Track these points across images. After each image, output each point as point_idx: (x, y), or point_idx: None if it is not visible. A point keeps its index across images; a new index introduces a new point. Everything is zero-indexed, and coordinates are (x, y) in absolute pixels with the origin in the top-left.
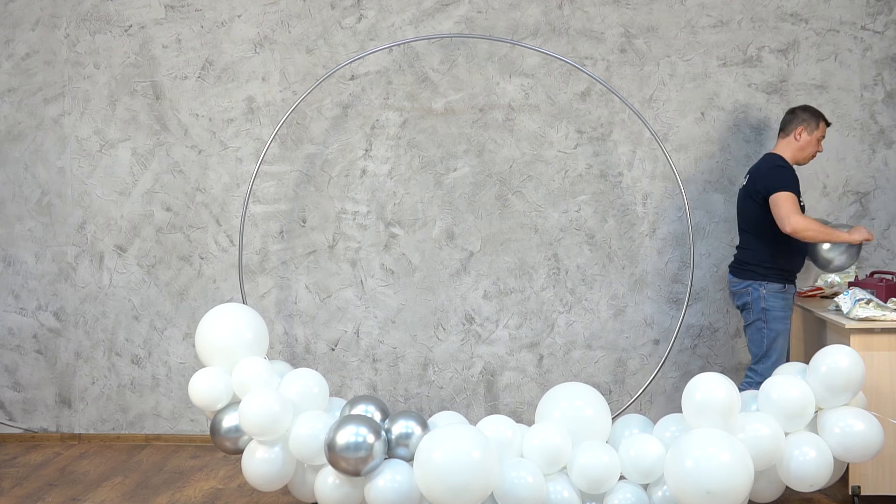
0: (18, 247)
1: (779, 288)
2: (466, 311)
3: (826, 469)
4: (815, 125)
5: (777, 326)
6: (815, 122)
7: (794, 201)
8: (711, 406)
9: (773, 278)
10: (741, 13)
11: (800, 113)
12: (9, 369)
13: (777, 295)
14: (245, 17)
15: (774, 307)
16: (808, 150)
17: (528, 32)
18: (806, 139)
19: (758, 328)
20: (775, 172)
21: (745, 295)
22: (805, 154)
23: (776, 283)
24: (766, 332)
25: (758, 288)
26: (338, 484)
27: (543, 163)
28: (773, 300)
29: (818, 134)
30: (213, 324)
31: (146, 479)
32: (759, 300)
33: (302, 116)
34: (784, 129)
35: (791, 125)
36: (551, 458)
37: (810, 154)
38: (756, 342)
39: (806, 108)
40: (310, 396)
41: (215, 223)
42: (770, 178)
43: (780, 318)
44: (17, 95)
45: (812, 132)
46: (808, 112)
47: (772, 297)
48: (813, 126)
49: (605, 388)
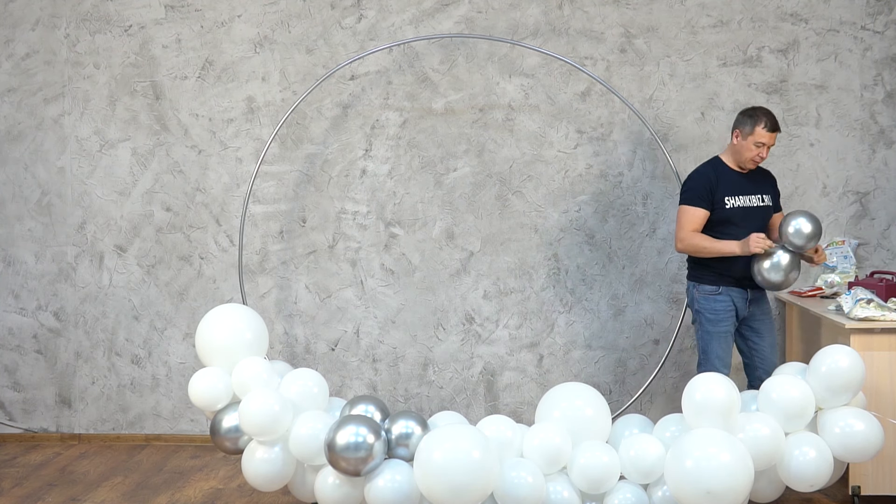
0: (18, 247)
1: (712, 290)
2: (466, 311)
3: (826, 469)
4: (749, 129)
5: (710, 328)
6: (750, 126)
7: (690, 217)
8: (711, 406)
9: (705, 280)
10: (741, 13)
11: (740, 116)
12: (9, 369)
13: (710, 297)
14: (245, 17)
15: (706, 309)
16: (743, 154)
17: (528, 32)
18: (740, 143)
19: (696, 330)
20: (686, 182)
21: (687, 295)
22: (742, 158)
23: (709, 284)
24: (701, 333)
25: (692, 290)
26: (338, 484)
27: (543, 163)
28: (705, 302)
29: (755, 139)
30: (213, 324)
31: (146, 479)
32: (693, 301)
33: (302, 116)
34: None
35: (733, 126)
36: (551, 458)
37: (748, 158)
38: (697, 344)
39: (748, 111)
40: (310, 396)
41: (215, 223)
42: (682, 188)
43: (711, 321)
44: (17, 95)
45: (746, 136)
46: (748, 115)
47: (703, 298)
48: (747, 130)
49: (605, 388)
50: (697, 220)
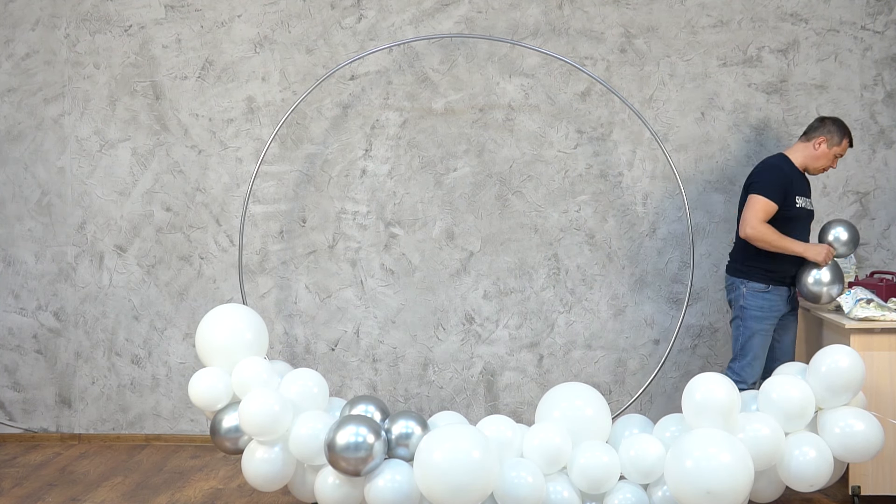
0: (18, 247)
1: (761, 288)
2: (466, 311)
3: (826, 469)
4: (837, 140)
5: (753, 326)
6: (839, 137)
7: (764, 207)
8: (711, 406)
9: (755, 277)
10: (741, 13)
11: (828, 124)
12: (9, 369)
13: (758, 295)
14: (245, 17)
15: (752, 306)
16: (821, 161)
17: (528, 32)
18: (823, 151)
19: (736, 325)
20: (764, 172)
21: (730, 291)
22: (817, 165)
23: (759, 282)
24: (743, 329)
25: (739, 286)
26: (338, 484)
27: (543, 163)
28: (752, 299)
29: (837, 150)
30: (213, 324)
31: (146, 479)
32: (738, 298)
33: (302, 116)
34: (807, 133)
35: (815, 132)
36: (551, 458)
37: (822, 167)
38: (734, 339)
39: (836, 121)
40: (310, 396)
41: (215, 223)
42: (756, 177)
43: (757, 318)
44: (17, 95)
45: (831, 147)
46: (836, 126)
47: (752, 295)
48: (835, 141)
49: (605, 388)
50: (769, 212)
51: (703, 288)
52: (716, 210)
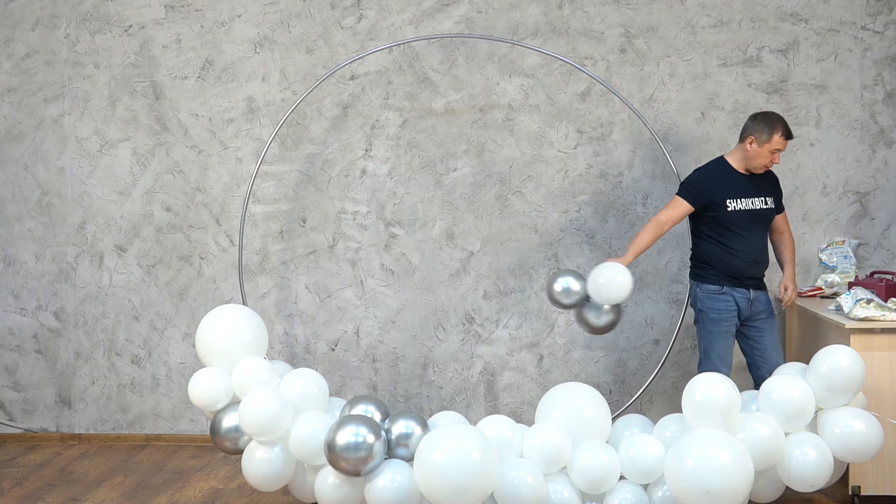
0: (18, 247)
1: (716, 290)
2: (466, 311)
3: (826, 469)
4: (766, 137)
5: (712, 328)
6: (767, 133)
7: (672, 206)
8: (711, 406)
9: (709, 279)
10: (741, 13)
11: (757, 122)
12: (9, 369)
13: (712, 296)
14: (245, 17)
15: (708, 309)
16: (757, 160)
17: (528, 32)
18: (755, 150)
19: (697, 329)
20: (692, 173)
21: (690, 295)
22: (754, 164)
23: (712, 284)
24: (703, 333)
25: (695, 288)
26: (338, 484)
27: (543, 163)
28: (708, 301)
29: (770, 146)
30: (213, 324)
31: (146, 479)
32: (696, 300)
33: (302, 116)
34: (741, 133)
35: (745, 132)
36: (551, 458)
37: (760, 165)
38: (698, 342)
39: (765, 117)
40: (310, 396)
41: (215, 223)
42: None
43: (713, 320)
44: (17, 95)
45: (762, 143)
46: (765, 122)
47: (707, 298)
48: (764, 137)
49: (605, 388)
50: (679, 212)
51: None
52: None
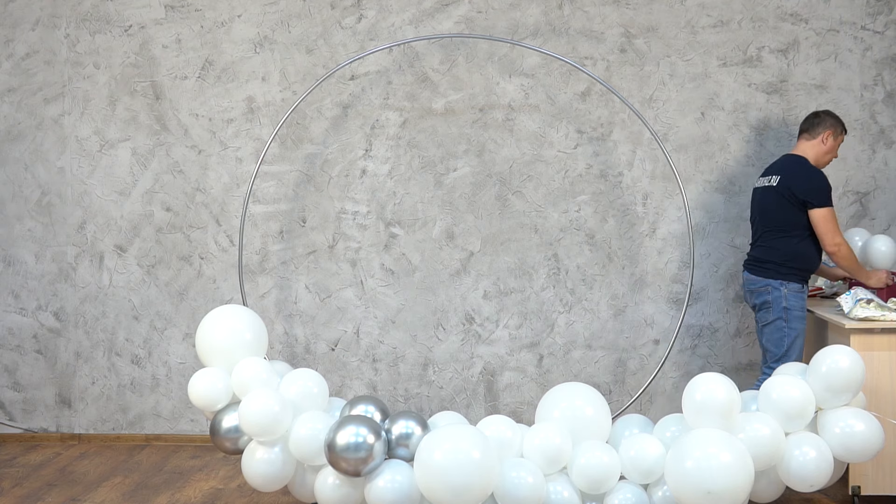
0: (18, 247)
1: (798, 288)
2: (466, 311)
3: (826, 469)
4: (840, 131)
5: (798, 326)
6: (840, 128)
7: (835, 218)
8: (712, 406)
9: (793, 278)
10: (741, 13)
11: (828, 117)
12: (9, 369)
13: (797, 295)
14: (245, 17)
15: (795, 307)
16: (829, 155)
17: (528, 32)
18: (831, 144)
19: (778, 327)
20: (816, 180)
21: (764, 293)
22: (825, 159)
23: (796, 282)
24: (788, 331)
25: (779, 287)
26: (338, 484)
27: (543, 163)
28: (793, 300)
29: (840, 140)
30: (213, 325)
31: (146, 479)
32: (780, 299)
33: (302, 116)
34: (809, 130)
35: (818, 128)
36: (551, 458)
37: (828, 160)
38: (776, 342)
39: (831, 114)
40: (310, 396)
41: (215, 223)
42: (812, 187)
43: (800, 318)
44: (17, 95)
45: (836, 137)
46: (834, 118)
47: (792, 296)
48: (839, 132)
49: (605, 388)
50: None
51: (703, 288)
52: (716, 210)
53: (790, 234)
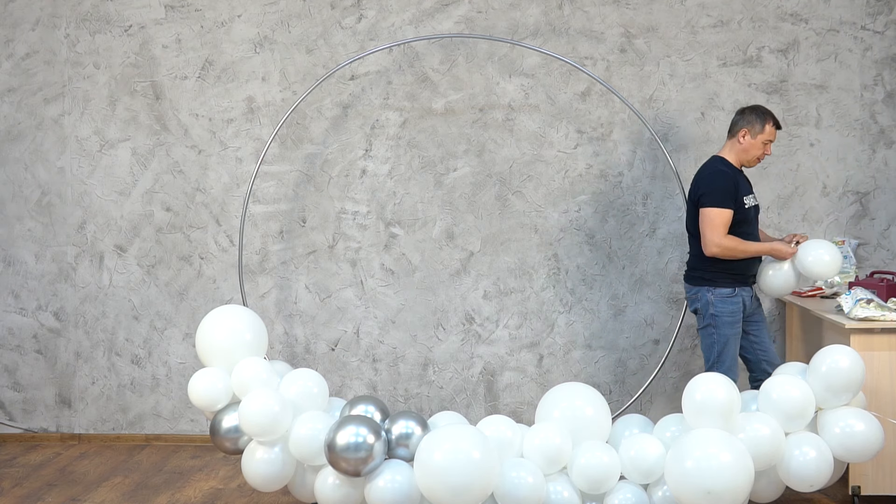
0: (18, 247)
1: (728, 293)
2: (466, 311)
3: (826, 469)
4: (759, 128)
5: (727, 331)
6: (759, 124)
7: (721, 220)
8: (711, 406)
9: (720, 283)
10: (741, 13)
11: (747, 114)
12: (9, 369)
13: (727, 300)
14: (245, 17)
15: (723, 312)
16: (751, 153)
17: (528, 32)
18: (749, 142)
19: (708, 334)
20: (710, 181)
21: (695, 301)
22: (749, 157)
23: (725, 287)
24: (717, 337)
25: (706, 294)
26: (338, 484)
27: (543, 163)
28: (721, 305)
29: (763, 137)
30: (213, 325)
31: (146, 479)
32: (707, 306)
33: (302, 116)
34: (730, 129)
35: (735, 126)
36: (551, 458)
37: (755, 157)
38: (707, 347)
39: (754, 109)
40: (310, 397)
41: (215, 223)
42: (704, 187)
43: (729, 324)
44: (17, 95)
45: (756, 135)
46: (755, 113)
47: (720, 302)
48: (757, 129)
49: (605, 388)
50: (726, 222)
51: None
52: None
53: None
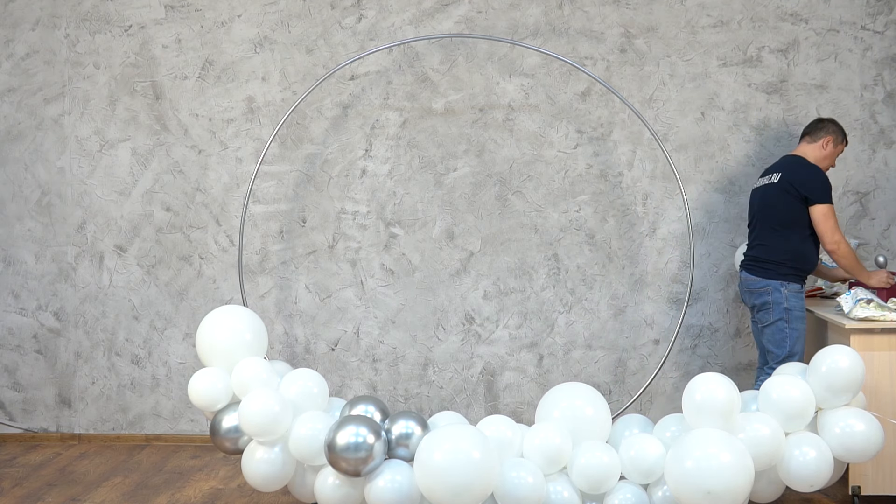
0: (18, 247)
1: (798, 288)
2: (466, 311)
3: (826, 469)
4: (840, 140)
5: (800, 326)
6: (841, 137)
7: (835, 216)
8: (711, 406)
9: (793, 278)
10: (741, 13)
11: (831, 125)
12: (9, 369)
13: (798, 295)
14: (245, 17)
15: (797, 307)
16: (828, 161)
17: (528, 32)
18: (830, 150)
19: (780, 328)
20: (818, 178)
21: (764, 294)
22: (824, 164)
23: (796, 283)
24: (789, 331)
25: (779, 288)
26: (338, 484)
27: (543, 163)
28: (794, 300)
29: (839, 150)
30: (213, 325)
31: (146, 479)
32: (781, 300)
33: (302, 116)
34: (811, 133)
35: (820, 133)
36: (551, 458)
37: (827, 166)
38: (778, 342)
39: (835, 122)
40: (310, 397)
41: (215, 223)
42: (814, 184)
43: (801, 318)
44: (17, 95)
45: (836, 146)
46: (837, 126)
47: (794, 297)
48: (839, 140)
49: (605, 388)
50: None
51: (703, 288)
52: (716, 210)
53: (791, 231)
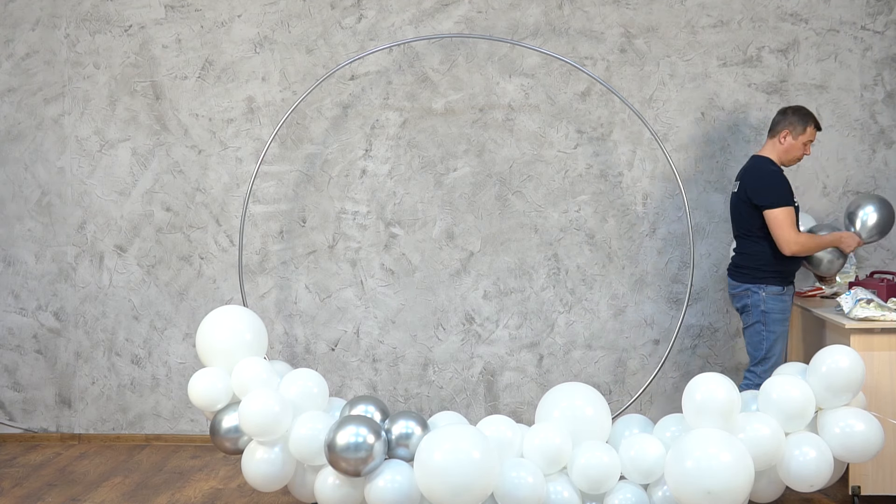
0: (18, 247)
1: (777, 290)
2: (466, 311)
3: (826, 469)
4: (801, 129)
5: (776, 329)
6: (801, 125)
7: (791, 218)
8: (712, 406)
9: (771, 281)
10: (741, 13)
11: (789, 115)
12: (9, 369)
13: (776, 297)
14: (245, 17)
15: (773, 310)
16: (792, 153)
17: (528, 32)
18: (790, 143)
19: (757, 331)
20: (766, 184)
21: (744, 297)
22: (789, 157)
23: (775, 285)
24: (766, 334)
25: (757, 291)
26: (338, 484)
27: (543, 163)
28: (772, 303)
29: (804, 138)
30: (213, 325)
31: (146, 479)
32: (758, 303)
33: (302, 116)
34: (771, 129)
35: (777, 127)
36: (551, 458)
37: (795, 157)
38: (755, 345)
39: (796, 111)
40: (310, 397)
41: (215, 223)
42: (762, 190)
43: (779, 321)
44: (17, 95)
45: (797, 136)
46: (798, 115)
47: (771, 299)
48: (799, 130)
49: (605, 388)
50: (794, 218)
51: (703, 288)
52: (716, 210)
53: (760, 237)
